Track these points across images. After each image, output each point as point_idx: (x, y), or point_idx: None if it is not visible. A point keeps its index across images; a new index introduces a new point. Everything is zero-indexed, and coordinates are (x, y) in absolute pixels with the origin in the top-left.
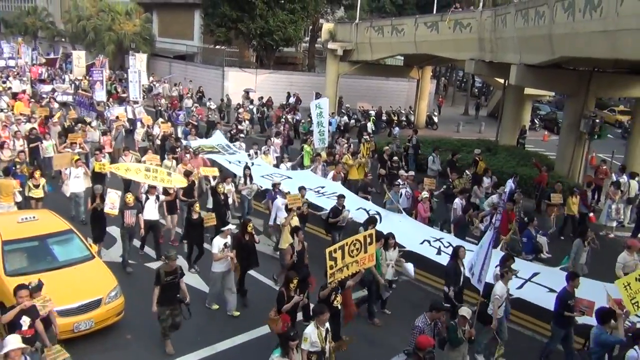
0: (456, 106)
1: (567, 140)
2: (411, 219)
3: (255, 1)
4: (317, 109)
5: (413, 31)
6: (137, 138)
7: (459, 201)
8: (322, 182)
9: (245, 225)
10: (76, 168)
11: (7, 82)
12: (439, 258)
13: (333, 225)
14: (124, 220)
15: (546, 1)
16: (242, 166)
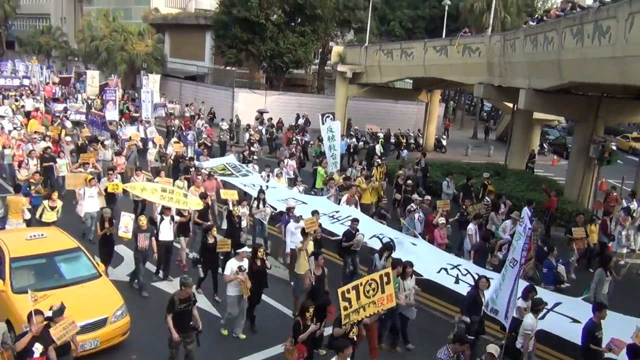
0: (465, 129)
1: (576, 166)
2: (427, 244)
3: (266, 23)
4: (329, 132)
5: (422, 55)
6: (149, 158)
7: (473, 227)
8: (336, 207)
9: (256, 250)
10: (90, 187)
11: (21, 100)
12: (457, 287)
13: (346, 250)
14: (137, 244)
15: (555, 27)
16: (257, 189)
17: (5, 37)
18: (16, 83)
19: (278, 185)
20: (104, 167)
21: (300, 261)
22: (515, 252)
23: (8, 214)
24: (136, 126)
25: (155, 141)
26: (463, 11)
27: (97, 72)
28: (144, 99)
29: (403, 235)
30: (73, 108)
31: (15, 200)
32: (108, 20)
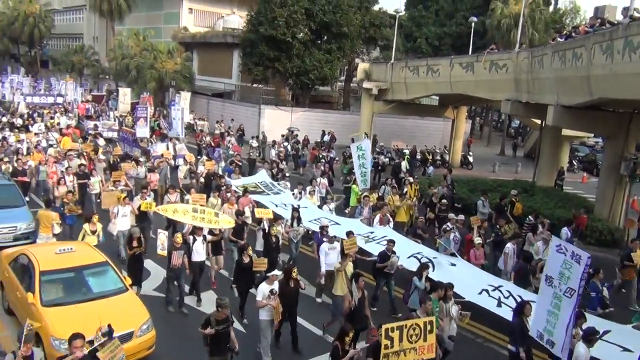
0: (492, 146)
1: (607, 183)
2: (467, 264)
3: (292, 41)
4: (359, 150)
5: (448, 71)
6: (180, 175)
7: (511, 246)
8: (370, 229)
9: (289, 271)
10: (123, 206)
11: (55, 117)
12: (499, 311)
13: (380, 271)
14: (170, 262)
15: (583, 43)
16: (289, 209)
17: (39, 57)
18: (50, 100)
19: (310, 205)
20: (137, 184)
21: (339, 283)
22: (571, 282)
23: (39, 228)
24: (166, 143)
25: (186, 158)
26: (490, 28)
27: (129, 89)
28: (174, 117)
29: (441, 255)
30: (105, 125)
31: (45, 214)
32: (138, 39)
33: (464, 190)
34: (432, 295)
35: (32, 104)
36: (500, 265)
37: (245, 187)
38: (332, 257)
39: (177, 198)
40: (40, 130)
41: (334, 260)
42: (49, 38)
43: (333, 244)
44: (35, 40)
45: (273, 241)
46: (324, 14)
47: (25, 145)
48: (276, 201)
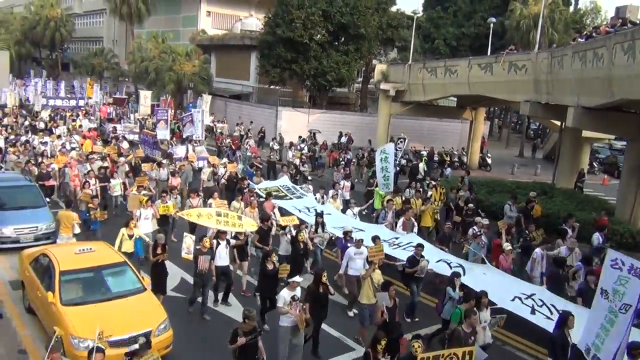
0: (511, 148)
1: (628, 185)
2: (497, 271)
3: (309, 43)
4: (382, 154)
5: (467, 72)
6: (203, 177)
7: (540, 252)
8: (395, 234)
9: (319, 275)
10: (145, 209)
11: (77, 120)
12: (533, 318)
13: (410, 276)
14: (196, 266)
15: (604, 43)
16: (312, 214)
17: (61, 60)
18: (72, 104)
19: (333, 210)
20: (158, 187)
21: (365, 290)
22: (627, 297)
23: (59, 228)
24: (186, 145)
25: (210, 161)
26: (509, 29)
27: (150, 92)
28: (195, 119)
29: (469, 263)
30: (127, 128)
31: (66, 214)
32: (157, 42)
33: (482, 192)
34: (463, 305)
35: (55, 107)
36: (528, 270)
37: (269, 191)
38: (358, 262)
39: (199, 202)
40: (63, 133)
41: (359, 266)
42: (69, 41)
43: (360, 249)
44: (57, 44)
45: (301, 247)
46: (342, 15)
47: (49, 147)
48: (299, 206)
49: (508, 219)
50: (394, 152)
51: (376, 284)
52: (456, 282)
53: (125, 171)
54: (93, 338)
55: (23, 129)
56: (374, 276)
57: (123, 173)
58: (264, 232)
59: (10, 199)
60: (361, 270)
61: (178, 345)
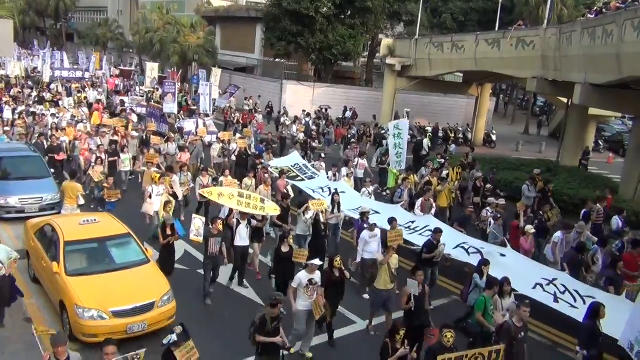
0: (516, 125)
1: (633, 163)
2: (518, 255)
3: (315, 16)
4: (396, 129)
5: (474, 48)
6: (213, 154)
7: (561, 235)
8: (411, 217)
9: (332, 260)
10: (158, 186)
11: (83, 92)
12: (557, 306)
13: (427, 262)
14: (207, 249)
15: (614, 19)
16: (326, 194)
17: (65, 30)
18: (79, 75)
19: (347, 188)
20: (166, 161)
21: (382, 276)
22: None
23: (64, 199)
24: (195, 119)
25: (220, 137)
26: (518, 4)
27: (156, 64)
28: (202, 92)
29: (489, 245)
30: (135, 101)
31: (71, 186)
32: (162, 13)
33: (486, 169)
34: (486, 293)
35: (62, 78)
36: (549, 255)
37: (282, 169)
38: (372, 245)
39: (209, 181)
40: (70, 105)
41: (374, 249)
42: (74, 11)
43: (374, 232)
44: (61, 14)
45: (322, 229)
46: None
47: (58, 120)
48: (312, 186)
49: (527, 200)
50: (408, 128)
51: (393, 269)
52: (484, 270)
53: (137, 145)
54: (98, 308)
55: (32, 100)
56: (391, 261)
57: (135, 147)
58: (284, 211)
59: (15, 170)
60: (376, 254)
61: (182, 317)
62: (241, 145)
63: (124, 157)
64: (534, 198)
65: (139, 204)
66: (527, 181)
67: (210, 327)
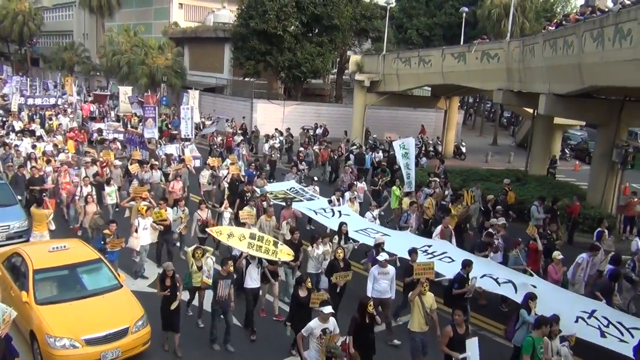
0: (485, 136)
1: (599, 170)
2: (546, 283)
3: (283, 35)
4: (402, 149)
5: (440, 62)
6: (202, 181)
7: (586, 257)
8: (426, 241)
9: (365, 304)
10: (144, 218)
11: (56, 119)
12: (605, 342)
13: (458, 298)
14: (216, 292)
15: (574, 31)
16: (329, 215)
17: (30, 55)
18: (52, 102)
19: (351, 212)
20: (153, 190)
21: (415, 315)
22: None
23: (32, 226)
24: (176, 145)
25: (209, 162)
26: (480, 18)
27: (130, 87)
28: (183, 116)
29: (517, 274)
30: (111, 127)
31: (39, 212)
32: (129, 35)
33: (457, 181)
34: (535, 333)
35: (34, 106)
36: (570, 276)
37: (276, 194)
38: (382, 283)
39: (208, 215)
40: (42, 134)
41: (384, 288)
42: (38, 36)
43: (385, 269)
44: (25, 38)
45: (340, 266)
46: (315, 6)
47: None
48: (314, 207)
49: (535, 221)
50: (414, 146)
51: (428, 309)
52: (531, 304)
53: (121, 175)
54: (69, 336)
55: (6, 129)
56: (425, 299)
57: (119, 177)
58: (294, 247)
59: None
60: (386, 294)
61: (156, 342)
62: (233, 171)
63: (110, 190)
64: (542, 219)
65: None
66: (536, 202)
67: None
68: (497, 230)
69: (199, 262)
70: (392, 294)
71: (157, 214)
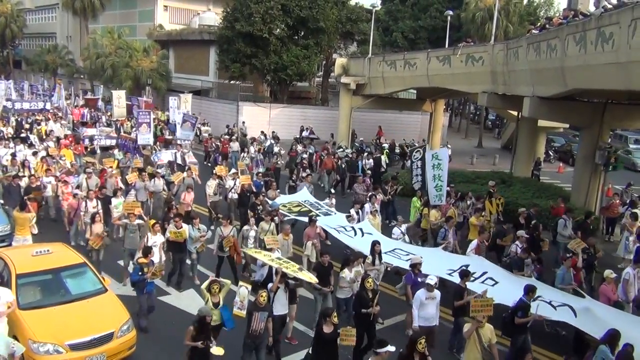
0: (470, 138)
1: (582, 172)
2: (610, 308)
3: (269, 37)
4: (435, 159)
5: (425, 65)
6: (209, 192)
7: (631, 271)
8: (462, 260)
9: (415, 341)
10: (154, 235)
11: (43, 125)
12: None
13: (519, 328)
14: (250, 325)
15: (557, 34)
16: (350, 233)
17: (12, 57)
18: (40, 106)
19: (374, 230)
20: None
21: (470, 350)
22: None
23: (15, 230)
24: (171, 150)
25: (216, 172)
26: (465, 21)
27: (123, 92)
28: (178, 121)
29: (573, 298)
30: (103, 132)
31: (21, 216)
32: (113, 38)
33: None
34: None
35: (22, 110)
36: (620, 294)
37: (289, 206)
38: (429, 309)
39: (233, 232)
40: (35, 141)
41: (432, 314)
42: (21, 38)
43: (433, 293)
44: (7, 41)
45: (369, 296)
46: (301, 9)
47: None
48: (332, 224)
49: (561, 237)
50: (447, 158)
51: (485, 343)
52: (616, 342)
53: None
54: (53, 341)
55: None
56: (483, 332)
57: (112, 187)
58: (324, 270)
59: None
60: (433, 320)
61: (142, 346)
62: (244, 181)
63: (117, 202)
64: (568, 236)
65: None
66: (564, 215)
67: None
68: (522, 243)
69: (215, 297)
70: (437, 321)
71: (175, 234)
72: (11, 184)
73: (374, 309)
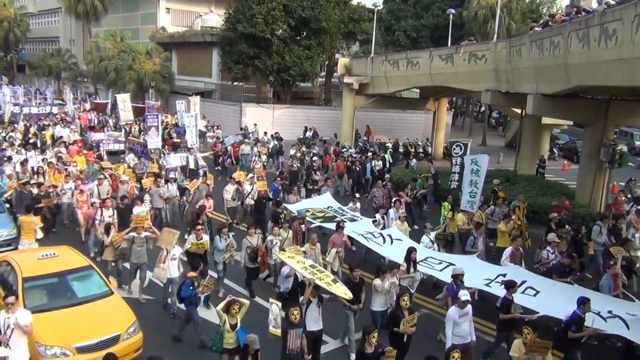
0: (473, 136)
1: (587, 169)
2: None
3: (271, 38)
4: (474, 165)
5: (428, 64)
6: (226, 197)
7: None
8: (498, 269)
9: (448, 356)
10: (174, 247)
11: (51, 129)
12: None
13: (574, 343)
14: (286, 345)
15: (560, 31)
16: (378, 240)
17: (15, 61)
18: (47, 110)
19: (402, 236)
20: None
21: None
22: None
23: (21, 234)
24: (180, 154)
25: (235, 177)
26: (467, 19)
27: (128, 95)
28: (188, 124)
29: (615, 302)
30: (111, 137)
31: (27, 220)
32: (116, 41)
33: (447, 182)
34: None
35: (29, 115)
36: None
37: (312, 212)
38: (464, 327)
39: (259, 240)
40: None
41: (465, 331)
42: (24, 42)
43: (465, 309)
44: (11, 45)
45: (403, 315)
46: (303, 9)
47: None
48: (359, 230)
49: (595, 244)
50: (486, 164)
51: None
52: None
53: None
54: (60, 344)
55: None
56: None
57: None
58: (355, 286)
59: None
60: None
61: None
62: (260, 187)
63: (140, 211)
64: (603, 243)
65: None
66: (599, 221)
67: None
68: (553, 248)
69: (233, 319)
70: (474, 336)
71: (197, 245)
72: (23, 191)
73: (406, 329)
